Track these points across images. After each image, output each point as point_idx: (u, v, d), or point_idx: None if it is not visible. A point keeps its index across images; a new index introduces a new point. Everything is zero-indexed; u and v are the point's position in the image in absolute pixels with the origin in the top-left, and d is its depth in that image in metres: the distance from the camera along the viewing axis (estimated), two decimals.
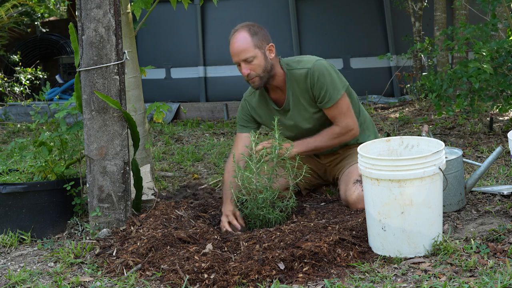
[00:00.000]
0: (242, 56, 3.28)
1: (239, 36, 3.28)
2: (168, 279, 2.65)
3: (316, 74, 3.32)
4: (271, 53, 3.33)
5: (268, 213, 3.19)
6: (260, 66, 3.29)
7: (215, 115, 7.67)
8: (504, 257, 2.65)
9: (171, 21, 8.24)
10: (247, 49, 3.26)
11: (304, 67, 3.35)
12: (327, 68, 3.36)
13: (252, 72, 3.29)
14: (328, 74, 3.33)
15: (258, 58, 3.28)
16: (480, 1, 5.20)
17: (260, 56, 3.28)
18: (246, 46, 3.26)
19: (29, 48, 10.96)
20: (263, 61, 3.29)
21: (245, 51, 3.26)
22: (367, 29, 7.83)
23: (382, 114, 6.79)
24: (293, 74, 3.38)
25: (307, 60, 3.38)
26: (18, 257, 3.13)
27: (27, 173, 3.58)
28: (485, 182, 3.83)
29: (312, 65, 3.34)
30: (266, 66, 3.31)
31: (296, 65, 3.38)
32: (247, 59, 3.27)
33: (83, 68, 3.22)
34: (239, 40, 3.28)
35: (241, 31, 3.29)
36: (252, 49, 3.26)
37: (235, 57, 3.30)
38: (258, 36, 3.29)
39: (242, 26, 3.33)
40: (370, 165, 2.77)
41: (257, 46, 3.27)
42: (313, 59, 3.37)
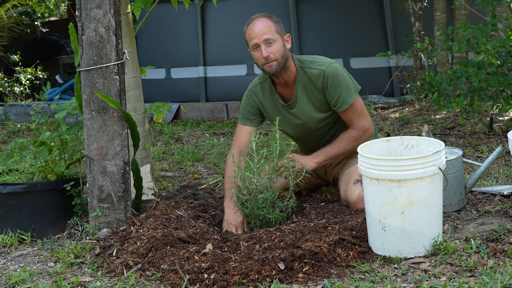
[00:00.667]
0: (263, 37, 3.29)
1: (261, 19, 3.34)
2: (168, 279, 2.65)
3: (330, 77, 3.34)
4: (287, 43, 3.39)
5: (268, 213, 3.19)
6: (279, 51, 3.31)
7: (215, 115, 7.67)
8: (504, 257, 2.65)
9: (171, 21, 8.24)
10: (269, 31, 3.30)
11: (318, 68, 3.36)
12: (341, 71, 3.37)
13: (272, 55, 3.31)
14: (342, 77, 3.35)
15: (278, 42, 3.32)
16: (480, 2, 5.20)
17: (280, 41, 3.32)
18: (268, 29, 3.30)
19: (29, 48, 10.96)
20: (282, 47, 3.33)
21: (268, 32, 3.29)
22: (367, 29, 7.83)
23: (382, 114, 6.79)
24: (305, 72, 3.39)
25: (321, 61, 3.39)
26: (18, 257, 3.13)
27: (27, 173, 3.58)
28: (485, 182, 3.83)
29: (326, 67, 3.35)
30: (285, 53, 3.34)
31: (309, 64, 3.40)
32: (268, 39, 3.29)
33: (83, 68, 3.22)
34: (262, 23, 3.32)
35: (262, 17, 3.36)
36: (274, 33, 3.31)
37: (255, 39, 3.31)
38: (278, 24, 3.37)
39: (262, 14, 3.40)
40: (370, 165, 2.77)
41: (278, 32, 3.33)
42: (327, 61, 3.39)
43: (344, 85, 3.34)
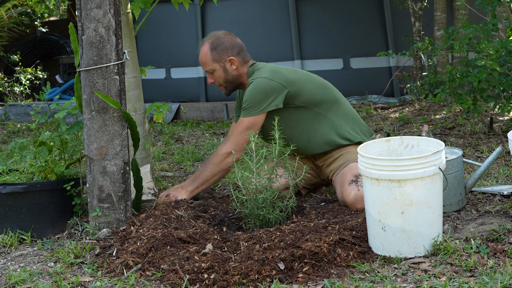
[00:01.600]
0: (203, 68, 3.62)
1: (202, 49, 3.59)
2: (168, 279, 2.65)
3: (248, 88, 3.49)
4: (232, 65, 3.56)
5: (268, 213, 3.19)
6: (220, 77, 3.59)
7: (215, 115, 7.67)
8: (504, 257, 2.65)
9: (171, 21, 8.24)
10: (205, 62, 3.58)
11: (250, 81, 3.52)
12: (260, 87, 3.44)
13: (215, 82, 3.61)
14: (257, 92, 3.44)
15: (217, 71, 3.58)
16: (480, 2, 5.20)
17: (219, 69, 3.56)
18: (204, 60, 3.58)
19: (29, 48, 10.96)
20: (222, 73, 3.57)
21: (204, 64, 3.59)
22: (367, 29, 7.83)
23: (382, 114, 6.79)
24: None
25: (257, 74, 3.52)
26: (18, 257, 3.13)
27: (27, 173, 3.58)
28: (485, 182, 3.83)
29: (252, 80, 3.50)
30: (227, 77, 3.58)
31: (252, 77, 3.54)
32: (207, 71, 3.59)
33: (83, 68, 3.22)
34: (201, 53, 3.59)
35: (206, 43, 3.59)
36: (210, 63, 3.56)
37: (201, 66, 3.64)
38: (217, 50, 3.54)
39: (208, 37, 3.61)
40: (370, 165, 2.77)
41: (215, 60, 3.55)
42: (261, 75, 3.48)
43: (253, 99, 3.44)
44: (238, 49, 3.58)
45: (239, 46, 3.59)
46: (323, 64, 7.73)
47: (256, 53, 6.66)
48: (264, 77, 3.46)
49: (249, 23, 7.89)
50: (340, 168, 3.51)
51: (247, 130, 3.42)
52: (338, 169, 3.52)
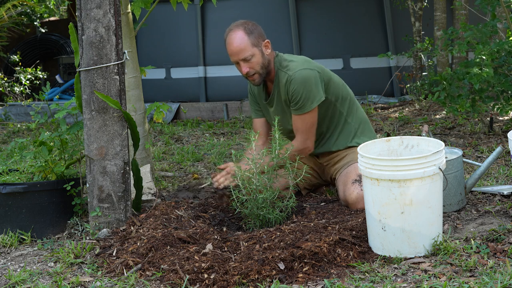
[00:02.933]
0: (241, 56, 3.35)
1: (235, 35, 3.35)
2: (168, 279, 2.65)
3: (293, 83, 3.36)
4: (267, 49, 3.41)
5: (268, 213, 3.19)
6: (258, 64, 3.37)
7: (215, 115, 7.66)
8: (504, 257, 2.65)
9: (171, 21, 8.24)
10: (245, 48, 3.34)
11: (287, 73, 3.40)
12: (307, 79, 3.36)
13: (251, 69, 3.37)
14: (306, 85, 3.35)
15: (256, 56, 3.36)
16: (479, 2, 5.20)
17: (257, 54, 3.36)
18: (243, 46, 3.34)
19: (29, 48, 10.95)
20: (261, 58, 3.37)
21: (243, 50, 3.34)
22: (367, 29, 7.83)
23: (382, 114, 6.79)
24: (279, 76, 3.45)
25: (293, 66, 3.40)
26: (18, 257, 3.13)
27: (27, 173, 3.58)
28: (485, 182, 3.83)
29: (293, 73, 3.37)
30: (264, 62, 3.39)
31: (283, 68, 3.44)
32: (245, 58, 3.34)
33: (83, 68, 3.22)
34: (236, 40, 3.34)
35: (236, 30, 3.36)
36: (249, 47, 3.34)
37: (234, 56, 3.36)
38: (254, 34, 3.36)
39: (237, 25, 3.39)
40: (370, 165, 2.77)
41: (254, 44, 3.35)
42: (299, 67, 3.38)
43: (305, 93, 3.34)
44: (264, 34, 3.44)
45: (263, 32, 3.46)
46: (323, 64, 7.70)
47: None
48: (306, 68, 3.37)
49: None
50: (344, 167, 3.51)
51: (313, 125, 3.39)
52: (342, 168, 3.52)
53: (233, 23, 3.42)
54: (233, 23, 3.42)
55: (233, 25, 3.41)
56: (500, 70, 5.02)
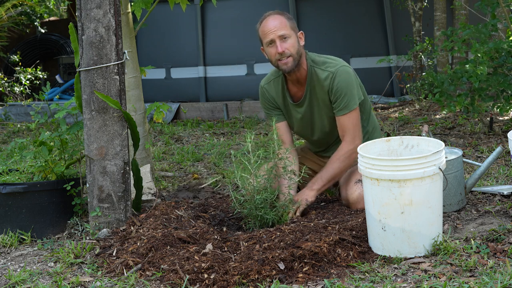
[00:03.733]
0: (278, 33, 3.28)
1: (275, 16, 3.33)
2: (168, 279, 2.65)
3: (337, 79, 3.31)
4: (301, 40, 3.39)
5: (266, 213, 3.19)
6: (294, 47, 3.31)
7: (215, 115, 7.66)
8: (504, 257, 2.65)
9: (171, 21, 8.24)
10: (284, 27, 3.30)
11: (327, 70, 3.34)
12: (350, 75, 3.33)
13: (287, 50, 3.29)
14: (350, 81, 3.31)
15: (293, 38, 3.32)
16: (479, 3, 5.20)
17: (294, 37, 3.33)
18: (283, 24, 3.30)
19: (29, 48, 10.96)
20: (297, 43, 3.33)
21: (283, 28, 3.29)
22: (367, 29, 7.83)
23: (382, 114, 6.79)
24: (315, 73, 3.37)
25: (332, 63, 3.36)
26: (18, 257, 3.13)
27: (27, 173, 3.58)
28: (485, 182, 3.83)
29: (336, 70, 3.32)
30: (299, 49, 3.34)
31: (320, 65, 3.37)
32: (283, 35, 3.29)
33: (83, 68, 3.22)
34: (276, 20, 3.31)
35: (276, 14, 3.35)
36: (288, 28, 3.31)
37: (271, 34, 3.29)
38: (292, 21, 3.37)
39: (275, 11, 3.38)
40: (370, 165, 2.77)
41: (292, 29, 3.33)
42: (339, 64, 3.36)
43: (350, 90, 3.31)
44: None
45: None
46: None
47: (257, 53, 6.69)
48: (346, 66, 3.36)
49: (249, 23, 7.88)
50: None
51: (358, 122, 3.34)
52: None
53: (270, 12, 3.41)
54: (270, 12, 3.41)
55: (270, 12, 3.39)
56: (500, 70, 5.02)
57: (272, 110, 3.54)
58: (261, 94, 3.57)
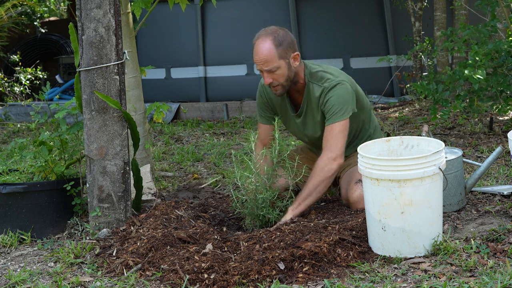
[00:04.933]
0: (265, 67, 3.22)
1: (264, 45, 3.20)
2: (168, 279, 2.65)
3: (328, 95, 3.26)
4: (295, 61, 3.28)
5: (268, 213, 3.19)
6: (283, 76, 3.25)
7: (215, 115, 7.66)
8: (504, 257, 2.65)
9: (171, 21, 8.24)
10: (271, 60, 3.20)
11: (323, 85, 3.29)
12: (344, 90, 3.27)
13: (275, 81, 3.26)
14: (341, 96, 3.25)
15: (281, 68, 3.23)
16: (478, 3, 5.20)
17: (284, 67, 3.23)
18: (270, 57, 3.19)
19: (29, 48, 10.95)
20: (287, 71, 3.25)
21: (269, 61, 3.20)
22: (367, 29, 7.83)
23: (382, 114, 6.79)
24: (312, 88, 3.33)
25: (330, 79, 3.30)
26: (18, 257, 3.13)
27: (27, 173, 3.58)
28: (485, 182, 3.83)
29: (329, 85, 3.27)
30: (290, 75, 3.27)
31: (318, 81, 3.32)
32: (270, 69, 3.22)
33: (83, 68, 3.22)
34: (263, 50, 3.20)
35: (266, 39, 3.21)
36: (276, 60, 3.20)
37: (258, 65, 3.25)
38: (283, 45, 3.21)
39: (268, 33, 3.24)
40: (370, 165, 2.77)
41: (282, 57, 3.21)
42: (335, 79, 3.29)
43: (339, 104, 3.24)
44: (296, 44, 3.29)
45: (295, 41, 3.31)
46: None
47: None
48: (345, 81, 3.28)
49: (249, 23, 7.89)
50: (349, 166, 3.50)
51: (341, 133, 3.23)
52: (348, 167, 3.52)
53: (263, 30, 3.27)
54: (264, 29, 3.27)
55: (263, 31, 3.26)
56: (499, 70, 5.01)
57: (265, 111, 3.52)
58: (259, 92, 3.54)
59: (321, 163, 3.23)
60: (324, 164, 3.21)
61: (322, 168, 3.21)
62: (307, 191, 3.22)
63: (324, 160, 3.22)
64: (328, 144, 3.25)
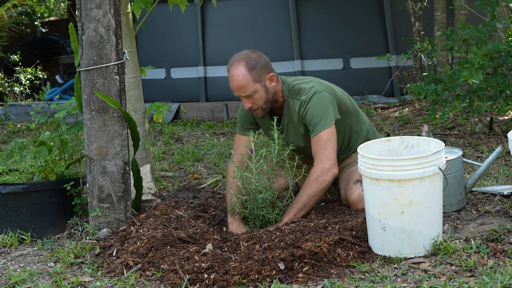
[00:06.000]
0: (242, 93, 3.23)
1: (237, 71, 3.22)
2: (168, 279, 2.65)
3: (307, 106, 3.26)
4: (272, 82, 3.28)
5: (268, 213, 3.19)
6: (261, 99, 3.26)
7: (215, 115, 7.67)
8: (504, 257, 2.65)
9: (171, 21, 8.24)
10: (246, 85, 3.21)
11: (301, 99, 3.29)
12: (322, 99, 3.27)
13: (254, 105, 3.27)
14: (320, 106, 3.25)
15: (258, 92, 3.23)
16: (478, 3, 5.20)
17: (260, 90, 3.24)
18: (245, 83, 3.21)
19: (29, 48, 10.95)
20: (264, 93, 3.25)
21: (245, 87, 3.21)
22: (367, 29, 7.83)
23: (382, 114, 6.79)
24: (290, 103, 3.34)
25: (306, 90, 3.30)
26: (18, 257, 3.13)
27: (27, 173, 3.58)
28: (485, 182, 3.83)
29: (307, 97, 3.27)
30: (268, 97, 3.27)
31: (296, 95, 3.32)
32: (247, 95, 3.23)
33: (83, 68, 3.22)
34: (238, 76, 3.21)
35: (239, 65, 3.23)
36: (251, 84, 3.21)
37: (235, 92, 3.26)
38: (256, 69, 3.22)
39: (239, 58, 3.25)
40: (370, 165, 2.77)
41: (257, 80, 3.22)
42: (312, 90, 3.29)
43: (319, 114, 3.23)
44: (270, 65, 3.29)
45: (269, 62, 3.31)
46: (323, 64, 7.73)
47: None
48: (318, 91, 3.27)
49: (249, 23, 7.90)
50: (347, 167, 3.50)
51: (329, 142, 3.20)
52: (346, 167, 3.52)
53: (236, 55, 3.29)
54: (236, 55, 3.29)
55: (235, 57, 3.28)
56: (499, 70, 5.01)
57: (248, 124, 3.49)
58: (241, 109, 3.50)
59: (315, 174, 3.21)
60: (317, 175, 3.20)
61: (315, 180, 3.19)
62: (301, 203, 3.20)
63: (317, 171, 3.20)
64: (319, 156, 3.22)
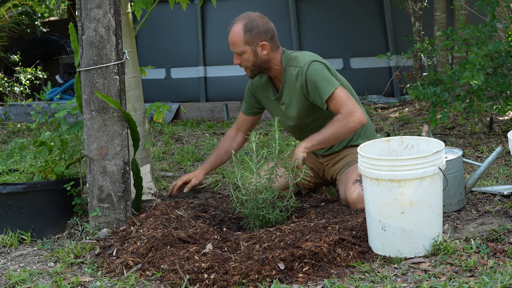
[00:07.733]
0: (232, 48, 3.46)
1: (235, 28, 3.42)
2: (168, 279, 2.65)
3: (307, 72, 3.36)
4: (263, 50, 3.42)
5: (268, 213, 3.19)
6: (248, 61, 3.44)
7: (215, 115, 7.67)
8: (504, 257, 2.65)
9: (171, 21, 8.24)
10: (237, 43, 3.41)
11: (297, 66, 3.42)
12: (319, 66, 3.39)
13: (242, 63, 3.47)
14: (320, 71, 3.36)
15: (247, 53, 3.42)
16: (479, 3, 5.20)
17: (249, 52, 3.42)
18: (236, 41, 3.41)
19: (29, 48, 10.96)
20: (252, 57, 3.42)
21: (235, 45, 3.42)
22: (367, 29, 7.83)
23: (382, 114, 6.79)
24: (288, 71, 3.46)
25: (301, 59, 3.43)
26: (18, 257, 3.13)
27: (27, 173, 3.58)
28: (485, 182, 3.83)
29: (304, 64, 3.38)
30: (256, 62, 3.44)
31: (292, 63, 3.45)
32: (236, 52, 3.44)
33: (83, 68, 3.22)
34: (232, 33, 3.43)
35: (239, 23, 3.42)
36: (241, 44, 3.40)
37: (230, 46, 3.47)
38: (251, 33, 3.40)
39: (244, 18, 3.44)
40: (370, 165, 2.77)
41: (247, 43, 3.40)
42: (307, 59, 3.40)
43: (322, 77, 3.33)
44: (271, 34, 3.45)
45: (272, 31, 3.46)
46: None
47: None
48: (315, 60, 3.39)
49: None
50: (345, 167, 3.51)
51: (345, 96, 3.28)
52: (343, 168, 3.52)
53: (246, 13, 3.48)
54: (246, 13, 3.49)
55: (244, 14, 3.47)
56: (499, 70, 5.01)
57: (250, 104, 3.73)
58: (247, 87, 3.74)
59: (340, 116, 3.28)
60: (342, 117, 3.28)
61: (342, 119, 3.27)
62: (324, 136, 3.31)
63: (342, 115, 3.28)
64: (340, 110, 3.29)
